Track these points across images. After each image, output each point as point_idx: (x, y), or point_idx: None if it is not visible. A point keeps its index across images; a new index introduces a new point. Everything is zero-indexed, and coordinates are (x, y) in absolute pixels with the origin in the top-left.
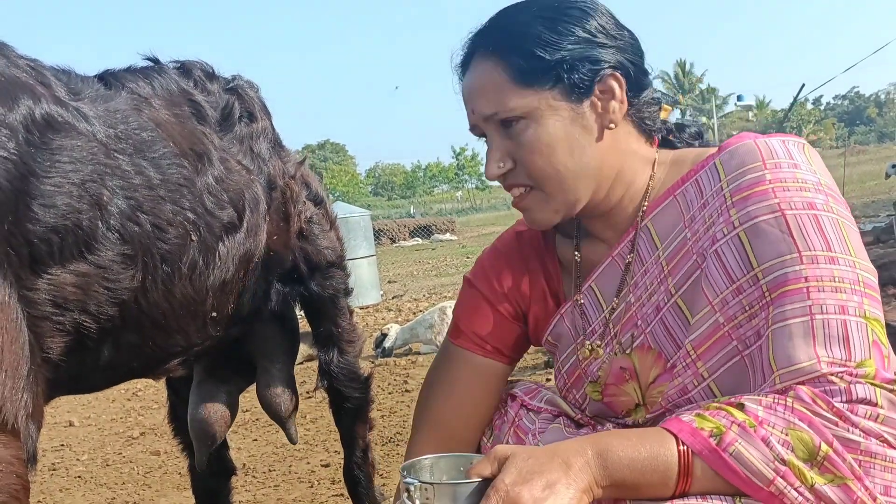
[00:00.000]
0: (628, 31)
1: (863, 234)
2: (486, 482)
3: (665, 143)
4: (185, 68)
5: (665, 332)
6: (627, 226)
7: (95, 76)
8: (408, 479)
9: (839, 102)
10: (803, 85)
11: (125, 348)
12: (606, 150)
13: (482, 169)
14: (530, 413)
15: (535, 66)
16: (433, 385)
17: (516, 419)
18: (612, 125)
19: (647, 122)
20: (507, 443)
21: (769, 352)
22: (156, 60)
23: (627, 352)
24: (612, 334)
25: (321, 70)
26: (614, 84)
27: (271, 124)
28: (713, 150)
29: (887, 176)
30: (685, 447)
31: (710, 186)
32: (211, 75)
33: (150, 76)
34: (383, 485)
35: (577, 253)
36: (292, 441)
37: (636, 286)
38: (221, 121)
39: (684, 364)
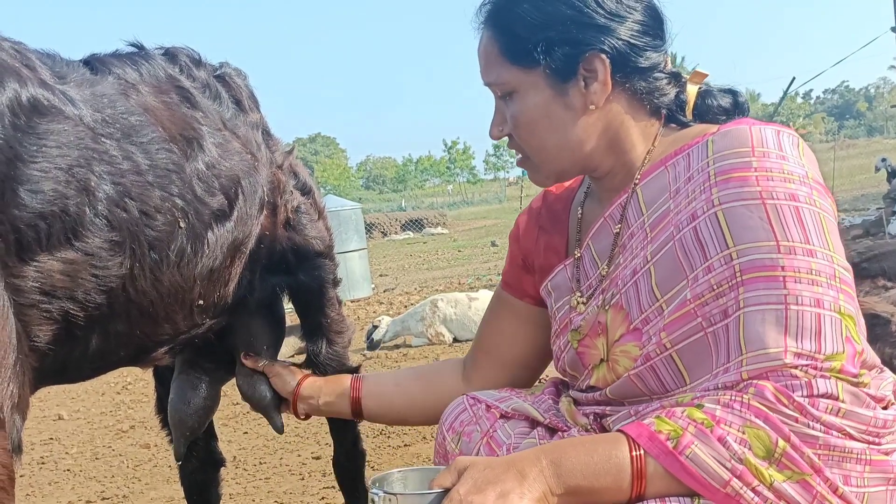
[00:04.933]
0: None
1: (853, 227)
2: (447, 493)
3: (675, 120)
4: (170, 54)
5: (635, 295)
6: (620, 190)
7: (80, 61)
8: (373, 491)
9: (829, 96)
10: (794, 78)
11: (113, 336)
12: (593, 126)
13: (475, 162)
14: (506, 425)
15: (518, 47)
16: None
17: (491, 430)
18: (593, 106)
19: (651, 97)
20: (479, 453)
21: (740, 332)
22: (140, 47)
23: (606, 308)
24: (601, 290)
25: (312, 62)
26: (598, 66)
27: (260, 113)
28: (714, 128)
29: (877, 169)
30: (638, 452)
31: (698, 162)
32: (197, 62)
33: (137, 62)
34: None
35: (580, 210)
36: (278, 431)
37: (624, 248)
38: (211, 105)
39: (650, 333)
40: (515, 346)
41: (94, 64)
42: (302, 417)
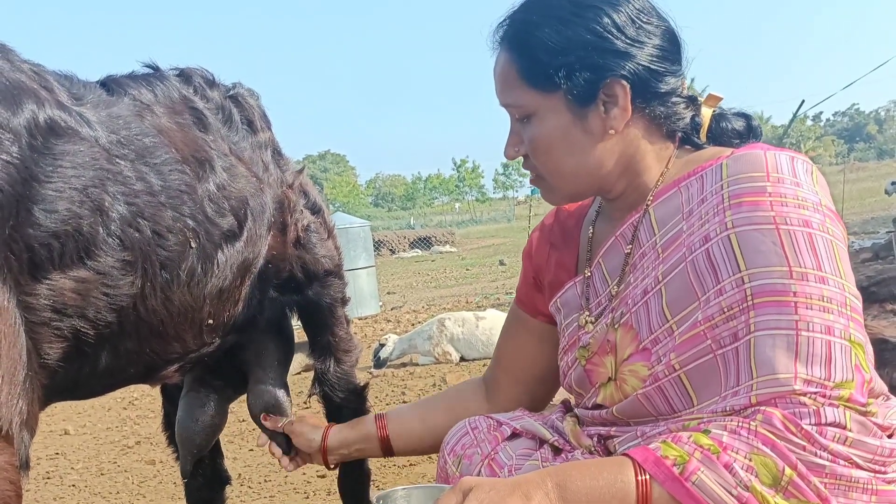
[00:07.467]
0: (658, 22)
1: (862, 250)
2: None
3: (689, 142)
4: (185, 75)
5: (645, 315)
6: (632, 210)
7: (97, 82)
8: None
9: (839, 119)
10: (803, 101)
11: (123, 355)
12: (610, 150)
13: (484, 180)
14: (508, 447)
15: (538, 71)
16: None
17: (493, 453)
18: (612, 131)
19: (668, 121)
20: (479, 475)
21: (751, 356)
22: (156, 68)
23: (615, 327)
24: (611, 308)
25: (322, 80)
26: (619, 91)
27: (271, 133)
28: (728, 151)
29: (887, 193)
30: (644, 476)
31: (712, 184)
32: (211, 82)
33: (152, 83)
34: None
35: (591, 228)
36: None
37: (635, 267)
38: (222, 128)
39: (659, 354)
40: (532, 363)
41: (110, 85)
42: (332, 467)
